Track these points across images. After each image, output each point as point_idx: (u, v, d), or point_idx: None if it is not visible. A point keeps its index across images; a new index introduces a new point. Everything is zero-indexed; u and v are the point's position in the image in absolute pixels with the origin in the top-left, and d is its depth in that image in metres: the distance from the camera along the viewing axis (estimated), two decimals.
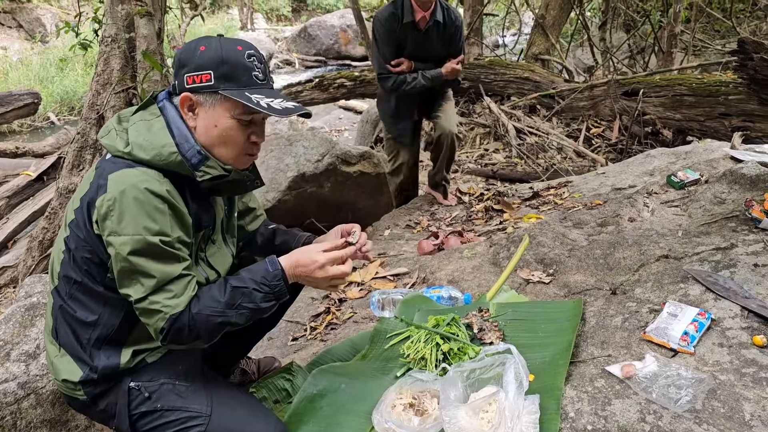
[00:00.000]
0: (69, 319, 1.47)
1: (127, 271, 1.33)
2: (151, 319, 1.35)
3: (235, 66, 1.38)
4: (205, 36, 1.43)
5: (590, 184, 3.49)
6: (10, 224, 4.87)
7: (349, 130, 8.75)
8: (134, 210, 1.31)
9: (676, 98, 5.38)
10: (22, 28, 14.66)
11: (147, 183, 1.32)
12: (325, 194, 3.60)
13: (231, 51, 1.39)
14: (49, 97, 10.27)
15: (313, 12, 21.68)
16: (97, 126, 3.27)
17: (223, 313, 1.39)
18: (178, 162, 1.37)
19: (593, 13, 11.35)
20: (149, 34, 3.22)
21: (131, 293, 1.34)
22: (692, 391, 1.46)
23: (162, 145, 1.36)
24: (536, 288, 2.21)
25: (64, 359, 1.49)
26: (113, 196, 1.31)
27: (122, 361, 1.47)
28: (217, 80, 1.37)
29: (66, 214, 1.47)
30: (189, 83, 1.38)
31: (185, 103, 1.40)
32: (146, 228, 1.31)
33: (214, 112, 1.40)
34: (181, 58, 1.40)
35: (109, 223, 1.32)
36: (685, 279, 1.91)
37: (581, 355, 1.72)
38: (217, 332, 1.42)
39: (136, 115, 1.44)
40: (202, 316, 1.37)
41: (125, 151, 1.36)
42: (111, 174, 1.34)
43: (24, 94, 7.71)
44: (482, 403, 1.45)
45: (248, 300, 1.42)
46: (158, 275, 1.33)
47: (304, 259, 1.48)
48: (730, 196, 2.39)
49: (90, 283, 1.43)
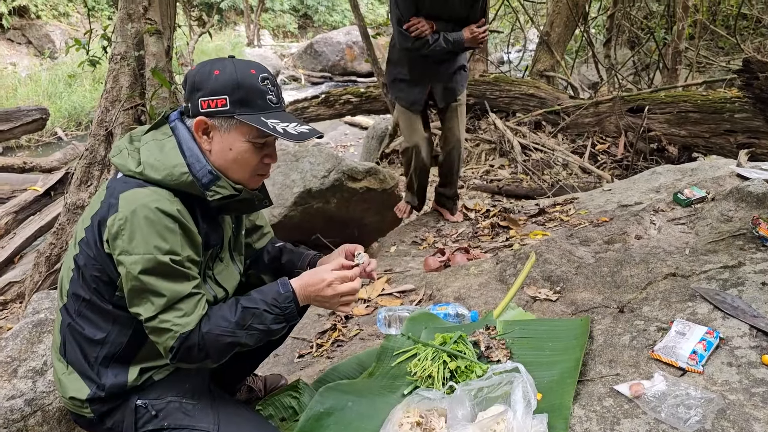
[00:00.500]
0: (77, 337, 1.47)
1: (137, 289, 1.34)
2: (161, 338, 1.36)
3: (250, 90, 1.40)
4: (218, 58, 1.45)
5: (596, 200, 3.49)
6: (17, 239, 4.90)
7: (354, 145, 8.78)
8: (145, 229, 1.32)
9: (681, 115, 5.39)
10: (31, 44, 14.84)
11: (158, 202, 1.34)
12: (332, 210, 3.61)
13: (245, 75, 1.40)
14: (57, 112, 10.36)
15: (319, 29, 21.88)
16: (106, 142, 3.30)
17: (233, 333, 1.39)
18: (189, 182, 1.38)
19: (598, 30, 11.42)
20: (158, 52, 3.26)
21: (141, 312, 1.35)
22: (701, 410, 1.45)
23: (173, 165, 1.38)
24: (543, 305, 2.20)
25: (72, 377, 1.49)
26: (124, 216, 1.32)
27: (129, 379, 1.47)
28: (232, 105, 1.38)
29: (76, 232, 1.49)
30: (204, 107, 1.39)
31: (200, 126, 1.42)
32: (157, 247, 1.32)
33: (230, 136, 1.42)
34: (195, 81, 1.41)
35: (120, 242, 1.33)
36: (692, 297, 1.91)
37: (589, 373, 1.71)
38: (227, 352, 1.42)
39: (147, 135, 1.45)
40: (212, 336, 1.37)
41: (137, 171, 1.38)
42: (122, 193, 1.35)
43: (32, 110, 7.78)
44: (490, 423, 1.44)
45: (258, 321, 1.42)
46: (168, 294, 1.34)
47: (313, 278, 1.49)
48: (737, 214, 2.39)
49: (99, 302, 1.43)
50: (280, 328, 1.47)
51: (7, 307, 3.58)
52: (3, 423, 1.74)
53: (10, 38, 14.63)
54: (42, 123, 7.84)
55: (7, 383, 1.83)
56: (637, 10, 9.88)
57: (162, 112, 3.12)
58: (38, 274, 3.32)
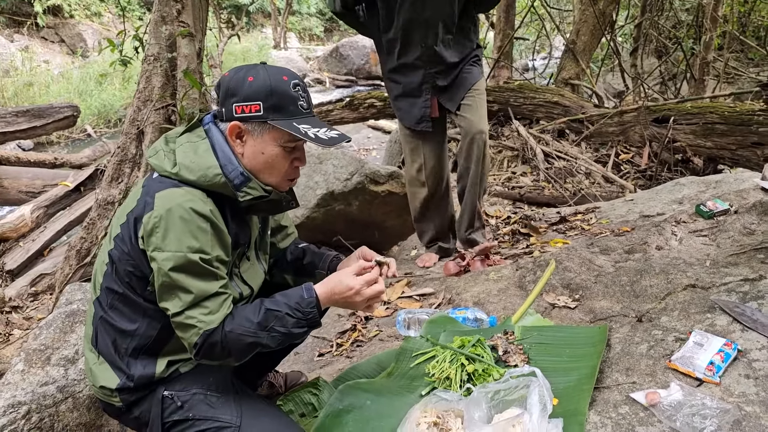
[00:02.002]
0: (109, 329, 1.53)
1: (167, 285, 1.39)
2: (187, 334, 1.41)
3: (283, 96, 1.45)
4: (251, 65, 1.50)
5: (618, 210, 3.49)
6: (47, 233, 5.02)
7: (377, 149, 8.84)
8: (178, 228, 1.38)
9: (707, 126, 5.34)
10: (64, 42, 15.21)
11: (192, 203, 1.40)
12: (353, 212, 3.66)
13: (278, 82, 1.46)
14: (87, 110, 10.58)
15: (345, 32, 22.03)
16: (137, 141, 3.39)
17: (255, 334, 1.44)
18: (222, 183, 1.44)
19: (625, 38, 11.35)
20: (190, 54, 3.34)
21: (170, 307, 1.41)
22: (717, 421, 1.47)
23: (207, 167, 1.44)
24: (561, 313, 2.22)
25: (102, 366, 1.55)
26: (159, 214, 1.38)
27: (157, 371, 1.53)
28: (266, 111, 1.44)
29: (111, 227, 1.55)
30: (238, 112, 1.45)
31: (234, 131, 1.47)
32: (188, 246, 1.38)
33: (262, 141, 1.47)
34: (230, 87, 1.47)
35: (154, 239, 1.39)
36: (712, 309, 1.91)
37: (606, 381, 1.73)
38: (248, 352, 1.47)
39: (182, 137, 1.51)
40: (234, 335, 1.42)
41: (173, 172, 1.44)
42: (158, 192, 1.41)
43: (64, 107, 7.94)
44: (506, 425, 1.47)
45: (280, 324, 1.46)
46: (196, 291, 1.39)
47: (340, 286, 1.52)
48: (759, 228, 2.39)
49: (131, 295, 1.49)
50: (301, 332, 1.51)
51: (38, 298, 3.69)
52: (36, 408, 1.81)
53: (44, 36, 15.00)
54: (73, 120, 8.00)
55: (41, 370, 1.91)
56: (665, 20, 9.80)
57: (192, 112, 3.19)
58: (69, 266, 3.42)
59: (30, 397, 1.82)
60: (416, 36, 2.76)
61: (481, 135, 2.86)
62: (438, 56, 2.80)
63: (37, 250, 4.74)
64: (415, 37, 2.76)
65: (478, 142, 2.87)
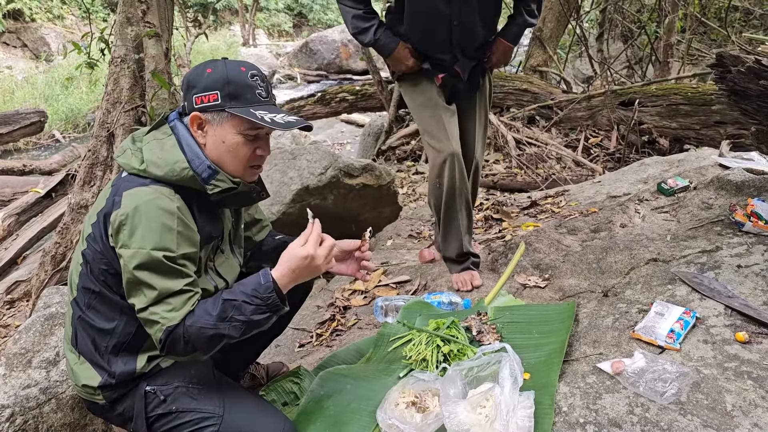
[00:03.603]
0: (87, 328, 1.55)
1: (132, 282, 1.42)
2: (152, 330, 1.43)
3: (240, 85, 1.48)
4: (211, 59, 1.55)
5: (586, 192, 3.59)
6: (20, 240, 4.96)
7: (351, 143, 8.87)
8: (144, 226, 1.40)
9: (671, 107, 5.48)
10: (26, 47, 14.89)
11: (159, 200, 1.43)
12: (329, 206, 3.70)
13: (235, 72, 1.49)
14: (55, 115, 10.41)
15: (314, 27, 21.94)
16: (108, 143, 3.38)
17: (215, 326, 1.43)
18: (190, 177, 1.47)
19: (591, 24, 11.49)
20: (157, 54, 3.33)
21: (135, 303, 1.43)
22: (677, 384, 1.55)
23: (174, 162, 1.47)
24: (532, 292, 2.30)
25: (84, 366, 1.57)
26: (126, 212, 1.41)
27: (138, 367, 1.55)
28: (223, 99, 1.47)
29: (84, 228, 1.57)
30: (198, 103, 1.49)
31: (195, 121, 1.50)
32: (153, 244, 1.40)
33: (222, 129, 1.50)
34: (190, 80, 1.51)
35: (121, 237, 1.41)
36: (672, 281, 2.00)
37: (574, 353, 1.81)
38: (212, 344, 1.46)
39: (149, 135, 1.54)
40: (195, 329, 1.42)
41: (141, 168, 1.46)
42: (126, 191, 1.44)
43: (30, 113, 7.83)
44: (480, 399, 1.54)
45: (239, 313, 1.44)
46: (159, 288, 1.41)
47: (294, 260, 1.50)
48: (717, 202, 2.49)
49: (108, 293, 1.52)
50: (263, 318, 1.47)
51: (14, 305, 3.67)
52: (20, 411, 1.83)
53: (5, 42, 14.67)
54: (40, 126, 7.90)
55: (22, 373, 1.93)
56: (629, 4, 9.95)
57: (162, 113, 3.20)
58: (44, 272, 3.40)
59: (13, 400, 1.84)
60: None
61: (478, 165, 2.58)
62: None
63: (10, 259, 4.68)
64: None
65: (477, 172, 2.60)
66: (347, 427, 1.71)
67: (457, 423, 1.50)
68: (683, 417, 1.47)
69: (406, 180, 5.77)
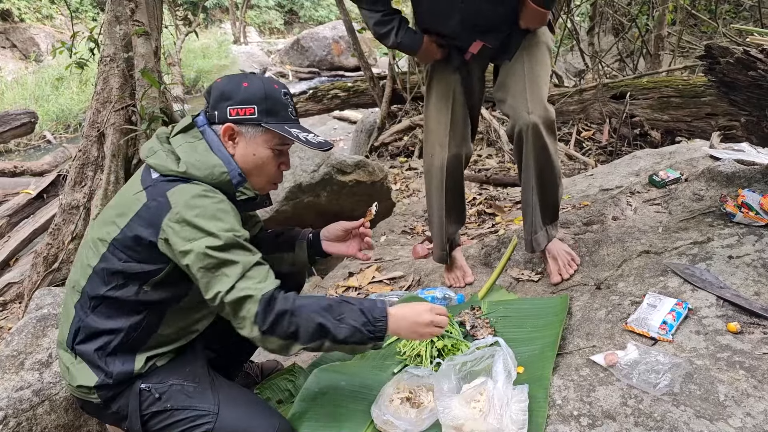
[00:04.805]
0: (91, 330, 1.55)
1: (210, 268, 1.42)
2: (243, 308, 1.42)
3: (276, 102, 1.54)
4: (243, 73, 1.60)
5: (579, 185, 3.59)
6: (12, 242, 4.94)
7: (344, 140, 8.85)
8: (205, 214, 1.43)
9: (663, 100, 5.50)
10: (16, 48, 14.76)
11: (207, 191, 1.46)
12: (322, 203, 3.70)
13: (271, 88, 1.55)
14: (45, 115, 10.33)
15: (305, 24, 21.89)
16: (98, 143, 3.36)
17: (324, 316, 1.45)
18: (227, 181, 1.52)
19: (582, 18, 11.50)
20: (147, 53, 3.31)
21: (219, 288, 1.42)
22: (670, 375, 1.56)
23: (213, 165, 1.50)
24: (525, 286, 2.30)
25: (80, 366, 1.57)
26: (179, 210, 1.42)
27: (136, 367, 1.56)
28: (260, 114, 1.53)
29: (97, 232, 1.55)
30: (233, 115, 1.52)
31: (227, 132, 1.54)
32: (219, 227, 1.43)
33: (255, 143, 1.55)
34: (225, 91, 1.54)
35: (184, 232, 1.42)
36: (664, 272, 2.01)
37: (568, 346, 1.82)
38: (315, 336, 1.45)
39: (178, 137, 1.55)
40: (306, 311, 1.44)
41: (179, 170, 1.48)
42: (169, 191, 1.45)
43: (21, 114, 7.77)
44: (473, 393, 1.54)
45: (352, 317, 1.47)
46: (242, 261, 1.43)
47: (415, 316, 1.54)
48: (707, 193, 2.50)
49: (122, 296, 1.52)
50: (363, 336, 1.47)
51: (6, 307, 3.65)
52: (13, 413, 1.82)
53: None
54: (31, 127, 7.84)
55: (15, 375, 1.92)
56: None
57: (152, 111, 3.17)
58: (36, 274, 3.38)
59: (6, 403, 1.82)
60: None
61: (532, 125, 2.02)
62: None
63: (2, 260, 4.66)
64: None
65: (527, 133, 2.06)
66: (342, 424, 1.71)
67: (452, 417, 1.50)
68: (676, 408, 1.47)
69: (399, 176, 5.77)
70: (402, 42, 2.17)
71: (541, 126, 1.98)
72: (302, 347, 1.47)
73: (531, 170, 2.07)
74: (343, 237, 1.88)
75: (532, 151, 2.02)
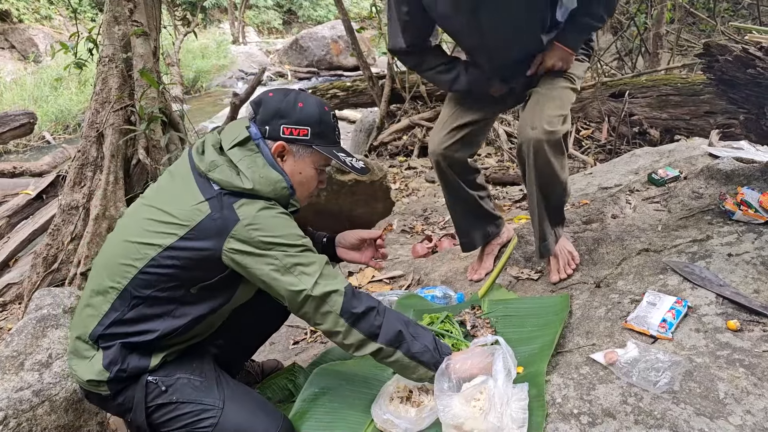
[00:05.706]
0: (124, 327, 1.56)
1: (289, 267, 1.49)
2: (328, 302, 1.50)
3: (327, 126, 1.63)
4: (294, 90, 1.64)
5: (578, 184, 3.59)
6: (11, 243, 4.93)
7: (343, 139, 8.84)
8: (274, 225, 1.50)
9: (662, 98, 5.50)
10: (14, 48, 14.75)
11: (272, 204, 1.54)
12: (321, 203, 3.69)
13: (324, 112, 1.63)
14: (44, 116, 10.32)
15: (304, 24, 21.87)
16: (98, 143, 3.35)
17: (404, 327, 1.56)
18: (288, 195, 1.58)
19: None
20: (145, 53, 3.31)
21: (304, 285, 1.49)
22: (670, 373, 1.56)
23: (276, 181, 1.56)
24: (525, 285, 2.30)
25: (95, 359, 1.57)
26: (251, 222, 1.48)
27: (152, 365, 1.58)
28: (313, 136, 1.60)
29: (143, 235, 1.55)
30: (286, 133, 1.59)
31: (278, 149, 1.59)
32: (291, 234, 1.51)
33: (303, 162, 1.63)
34: (280, 109, 1.59)
35: (259, 243, 1.48)
36: (664, 270, 2.01)
37: (568, 345, 1.82)
38: (393, 340, 1.54)
39: (236, 150, 1.57)
40: (390, 314, 1.57)
41: (247, 188, 1.51)
42: (236, 204, 1.50)
43: (20, 114, 7.76)
44: (473, 392, 1.54)
45: (425, 339, 1.59)
46: (317, 261, 1.53)
47: (479, 363, 1.62)
48: (707, 191, 2.50)
49: (167, 296, 1.54)
50: (426, 364, 1.57)
51: (6, 308, 3.64)
52: (13, 413, 1.82)
53: None
54: (30, 127, 7.83)
55: (15, 376, 1.92)
56: None
57: (151, 111, 3.15)
58: (36, 274, 3.38)
59: (6, 403, 1.82)
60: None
61: (535, 141, 1.99)
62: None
63: (2, 261, 4.65)
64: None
65: (530, 149, 2.03)
66: (343, 423, 1.71)
67: (452, 416, 1.50)
68: (676, 405, 1.47)
69: (399, 175, 5.77)
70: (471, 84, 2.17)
71: (544, 142, 1.95)
72: (375, 349, 1.54)
73: (534, 186, 2.08)
74: (358, 246, 1.95)
75: (534, 167, 2.01)
